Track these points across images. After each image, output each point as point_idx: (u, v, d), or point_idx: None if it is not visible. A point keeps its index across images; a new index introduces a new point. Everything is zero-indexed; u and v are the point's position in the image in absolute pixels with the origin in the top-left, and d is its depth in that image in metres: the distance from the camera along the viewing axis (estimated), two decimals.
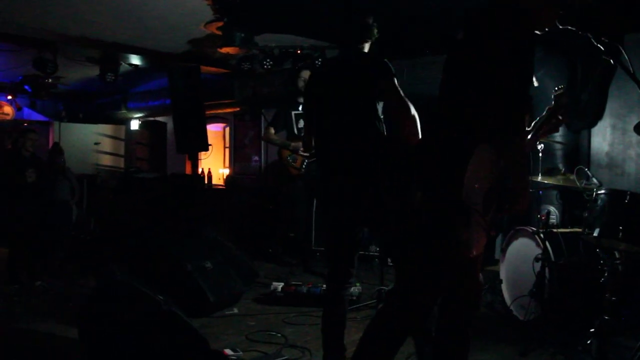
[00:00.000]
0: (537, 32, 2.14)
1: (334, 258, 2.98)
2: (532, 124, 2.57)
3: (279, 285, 4.64)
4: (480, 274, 2.28)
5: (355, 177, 2.77)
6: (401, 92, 2.75)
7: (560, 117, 2.53)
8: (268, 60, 6.67)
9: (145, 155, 11.79)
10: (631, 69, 2.10)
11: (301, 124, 5.35)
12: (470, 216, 2.05)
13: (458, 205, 2.02)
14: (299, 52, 6.64)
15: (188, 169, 9.27)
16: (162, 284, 4.02)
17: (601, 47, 2.09)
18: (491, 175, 2.12)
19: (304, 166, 5.51)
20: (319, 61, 6.53)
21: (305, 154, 5.34)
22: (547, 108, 2.53)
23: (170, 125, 10.38)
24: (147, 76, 9.34)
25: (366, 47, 2.94)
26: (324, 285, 4.54)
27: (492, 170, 2.12)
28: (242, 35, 5.65)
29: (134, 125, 11.54)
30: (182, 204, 7.12)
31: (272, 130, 5.67)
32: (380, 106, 2.83)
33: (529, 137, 2.55)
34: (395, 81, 2.75)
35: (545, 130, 2.55)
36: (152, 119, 11.18)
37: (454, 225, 2.07)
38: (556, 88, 2.60)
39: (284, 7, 5.42)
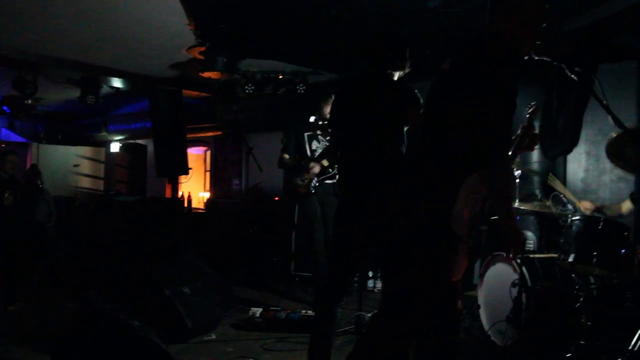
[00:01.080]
0: (520, 55, 2.19)
1: (340, 272, 2.95)
2: None
3: (258, 311, 4.60)
4: (460, 300, 2.28)
5: (374, 192, 2.81)
6: None
7: (534, 134, 2.56)
8: (250, 85, 6.71)
9: (125, 178, 11.70)
10: (604, 99, 2.16)
11: (314, 145, 5.31)
12: (455, 240, 2.08)
13: (441, 208, 2.05)
14: (280, 77, 6.70)
15: (168, 192, 9.22)
16: (140, 308, 3.98)
17: (574, 78, 2.16)
18: (477, 202, 2.14)
19: (312, 184, 5.33)
20: (300, 87, 6.57)
21: (315, 173, 5.20)
22: (520, 126, 2.57)
23: (150, 148, 10.36)
24: (128, 98, 9.32)
25: (396, 76, 3.02)
26: (303, 311, 4.53)
27: (479, 196, 2.14)
28: (224, 60, 5.70)
29: (114, 147, 11.48)
30: (162, 228, 7.06)
31: (286, 156, 5.41)
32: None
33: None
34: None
35: (520, 147, 2.58)
36: (132, 141, 11.14)
37: (437, 228, 2.08)
38: (529, 106, 2.63)
39: (266, 33, 5.49)
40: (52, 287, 5.88)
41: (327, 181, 5.14)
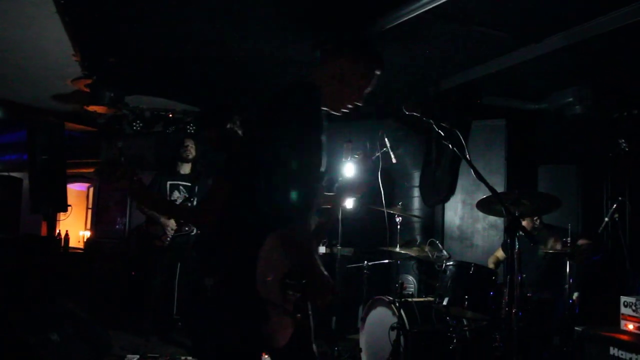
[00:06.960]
0: (328, 109, 2.17)
1: None
2: None
3: (135, 358, 4.37)
4: (314, 345, 2.12)
5: None
6: None
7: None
8: (138, 121, 6.51)
9: None
10: (466, 153, 2.34)
11: (175, 195, 5.18)
12: (263, 304, 1.90)
13: (243, 271, 1.91)
14: (170, 115, 6.57)
15: (44, 231, 8.58)
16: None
17: (441, 133, 2.31)
18: (284, 262, 1.98)
19: (168, 240, 5.13)
20: (191, 126, 6.46)
21: (174, 230, 5.04)
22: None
23: (27, 182, 9.66)
24: (3, 127, 8.68)
25: None
26: (183, 358, 4.36)
27: (284, 257, 1.97)
28: (112, 94, 5.50)
29: None
30: (33, 269, 6.53)
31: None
32: None
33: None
34: None
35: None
36: (6, 173, 10.33)
37: (240, 293, 1.93)
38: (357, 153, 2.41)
39: (156, 71, 5.39)
40: None
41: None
